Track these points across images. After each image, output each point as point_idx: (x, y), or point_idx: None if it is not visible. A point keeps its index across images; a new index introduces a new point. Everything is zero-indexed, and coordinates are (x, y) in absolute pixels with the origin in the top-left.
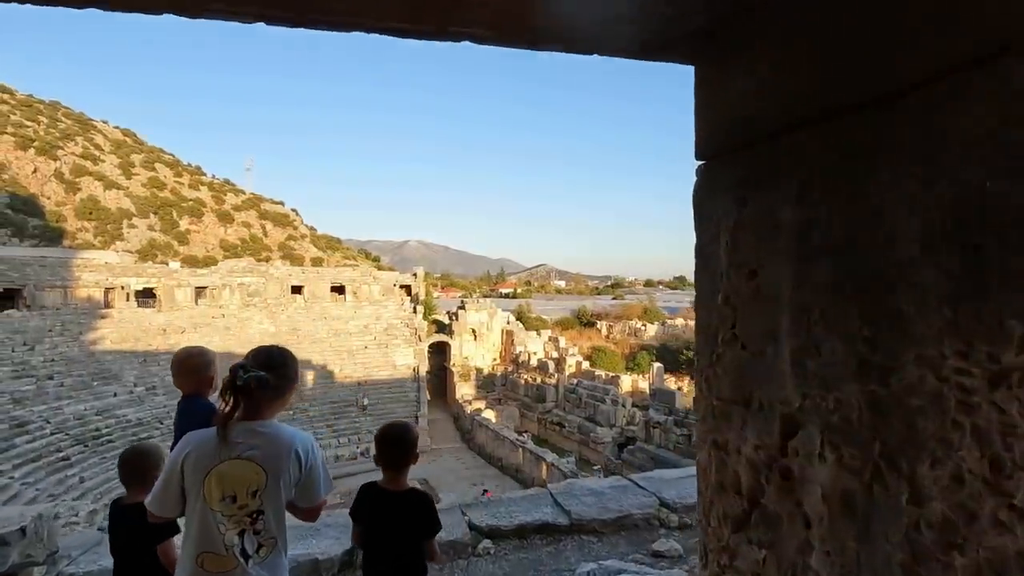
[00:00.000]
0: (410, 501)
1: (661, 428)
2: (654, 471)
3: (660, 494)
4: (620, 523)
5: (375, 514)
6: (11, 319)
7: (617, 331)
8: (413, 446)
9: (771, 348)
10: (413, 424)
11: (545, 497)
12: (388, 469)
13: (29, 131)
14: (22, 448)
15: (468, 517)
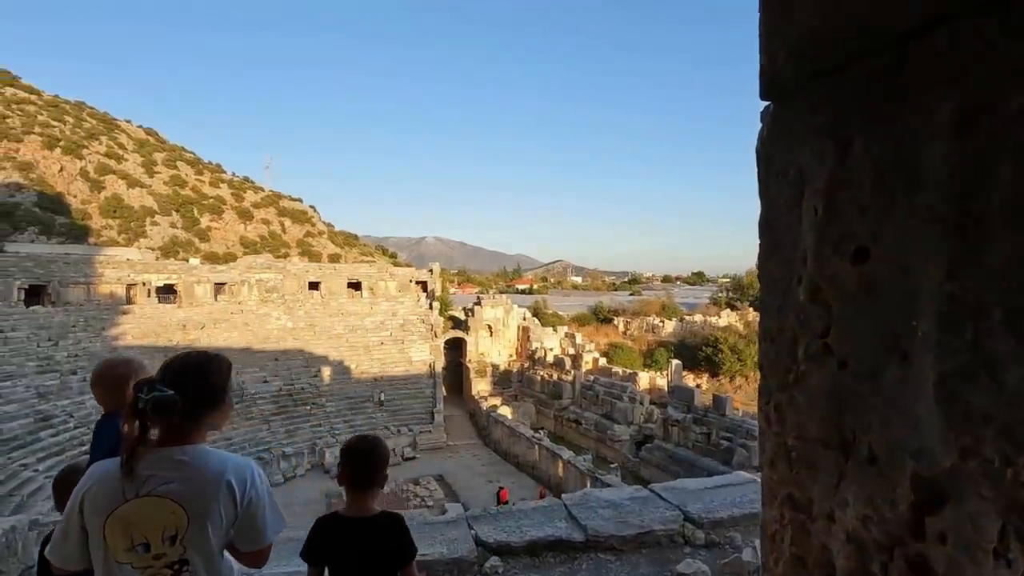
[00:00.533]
0: (379, 527)
1: (679, 426)
2: (677, 480)
3: (684, 507)
4: (640, 540)
5: (338, 550)
6: (37, 315)
7: (634, 327)
8: (383, 464)
9: (894, 369)
10: (383, 440)
11: (559, 509)
12: (353, 490)
13: (55, 131)
14: (46, 442)
15: (475, 531)
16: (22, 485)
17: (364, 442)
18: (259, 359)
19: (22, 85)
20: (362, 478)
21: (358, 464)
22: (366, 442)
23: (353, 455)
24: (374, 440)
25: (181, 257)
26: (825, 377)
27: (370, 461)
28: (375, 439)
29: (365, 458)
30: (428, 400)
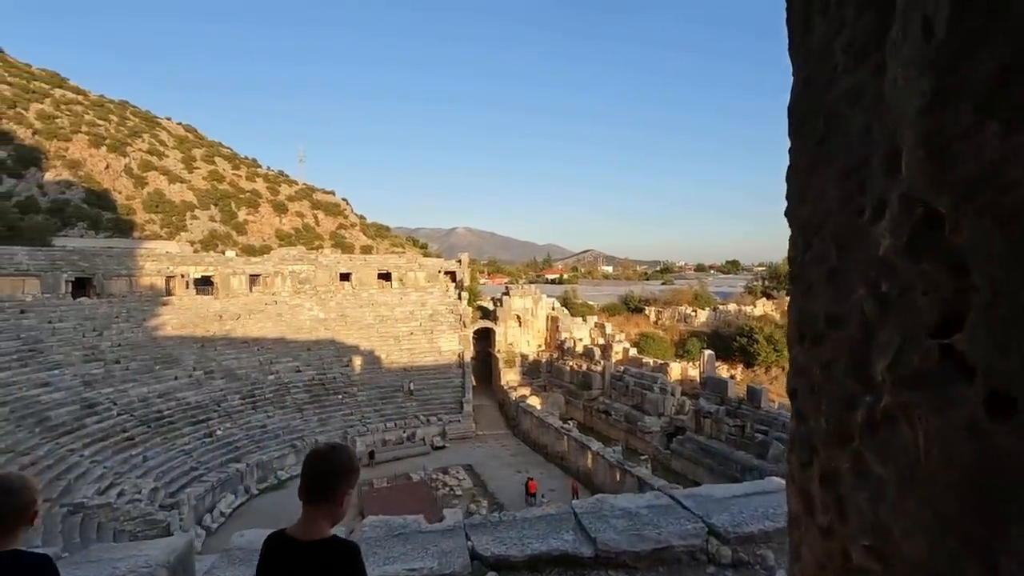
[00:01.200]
0: (324, 556)
1: (712, 418)
2: (702, 487)
3: (709, 518)
4: (657, 556)
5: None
6: (83, 306)
7: (666, 317)
8: (341, 475)
9: None
10: (350, 449)
11: (567, 518)
12: (305, 504)
13: (101, 130)
14: (92, 428)
15: (472, 542)
16: (69, 470)
17: (321, 448)
18: (292, 349)
19: (70, 86)
20: (313, 490)
21: (313, 470)
22: (324, 448)
23: (309, 461)
24: (335, 446)
25: (220, 250)
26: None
27: (322, 469)
28: (337, 446)
29: (318, 465)
30: (457, 390)
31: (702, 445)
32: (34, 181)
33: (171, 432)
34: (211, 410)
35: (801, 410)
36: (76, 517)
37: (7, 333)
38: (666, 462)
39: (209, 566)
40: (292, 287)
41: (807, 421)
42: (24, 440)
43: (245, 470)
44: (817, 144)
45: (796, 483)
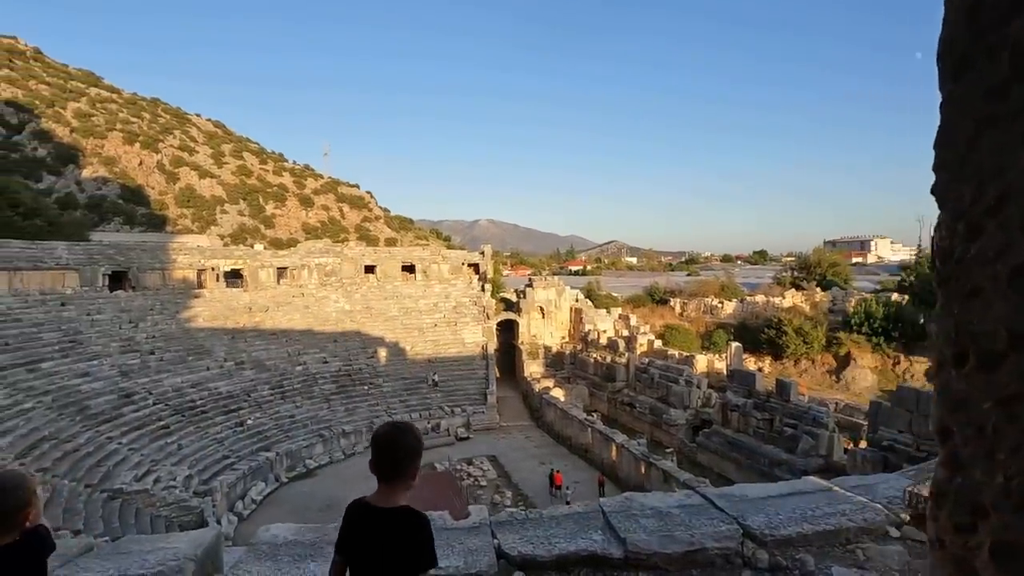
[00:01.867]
0: (399, 521)
1: (740, 412)
2: (735, 486)
3: (744, 519)
4: (690, 559)
5: (359, 538)
6: (119, 299)
7: (692, 308)
8: (411, 456)
9: None
10: (416, 429)
11: (596, 517)
12: (380, 480)
13: (134, 127)
14: (129, 417)
15: (498, 540)
16: (108, 456)
17: (388, 430)
18: (319, 341)
19: (104, 85)
20: (384, 469)
21: (383, 454)
22: (390, 430)
23: (378, 444)
24: (400, 429)
25: (248, 243)
26: None
27: (392, 451)
28: (404, 428)
29: (387, 448)
30: (481, 381)
31: (729, 439)
32: (72, 178)
33: (204, 421)
34: (242, 400)
35: (960, 456)
36: (115, 502)
37: (49, 325)
38: (692, 455)
39: (235, 560)
40: (318, 279)
41: (970, 472)
42: (66, 428)
43: (275, 459)
44: (992, 93)
45: (947, 549)
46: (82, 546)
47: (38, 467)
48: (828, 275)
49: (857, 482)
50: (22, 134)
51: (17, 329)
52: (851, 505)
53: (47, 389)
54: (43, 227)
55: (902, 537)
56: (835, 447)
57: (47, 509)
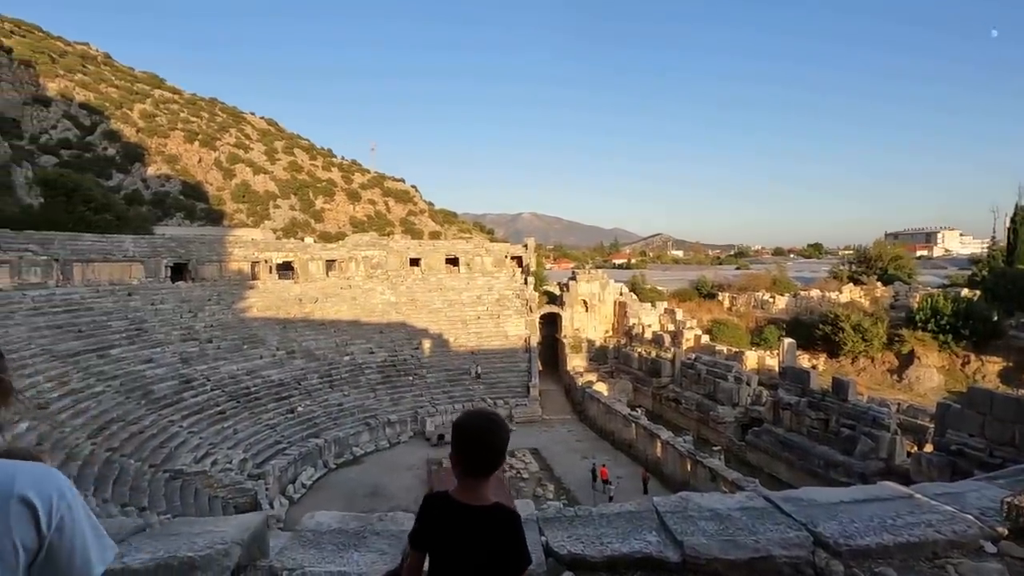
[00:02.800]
0: (494, 521)
1: (792, 410)
2: (802, 489)
3: (814, 526)
4: (755, 567)
5: (446, 536)
6: (180, 290)
7: (741, 303)
8: (503, 450)
9: None
10: (501, 418)
11: (649, 516)
12: (468, 476)
13: (194, 126)
14: (188, 402)
15: (546, 538)
16: (170, 439)
17: (482, 421)
18: (366, 331)
19: (167, 87)
20: (479, 463)
21: (476, 448)
22: (485, 422)
23: (470, 437)
24: (496, 421)
25: (299, 237)
26: None
27: (490, 447)
28: (498, 421)
29: (484, 440)
30: (523, 374)
31: (781, 438)
32: (138, 175)
33: (257, 407)
34: (292, 388)
35: None
36: (176, 482)
37: (117, 314)
38: (741, 454)
39: (281, 546)
40: (365, 272)
41: None
42: (132, 411)
43: (323, 445)
44: None
45: None
46: (136, 526)
47: (108, 447)
48: (890, 269)
49: (941, 489)
50: (94, 134)
51: (89, 317)
52: (937, 515)
53: (115, 374)
54: (112, 221)
55: (1000, 554)
56: (897, 450)
57: (115, 487)
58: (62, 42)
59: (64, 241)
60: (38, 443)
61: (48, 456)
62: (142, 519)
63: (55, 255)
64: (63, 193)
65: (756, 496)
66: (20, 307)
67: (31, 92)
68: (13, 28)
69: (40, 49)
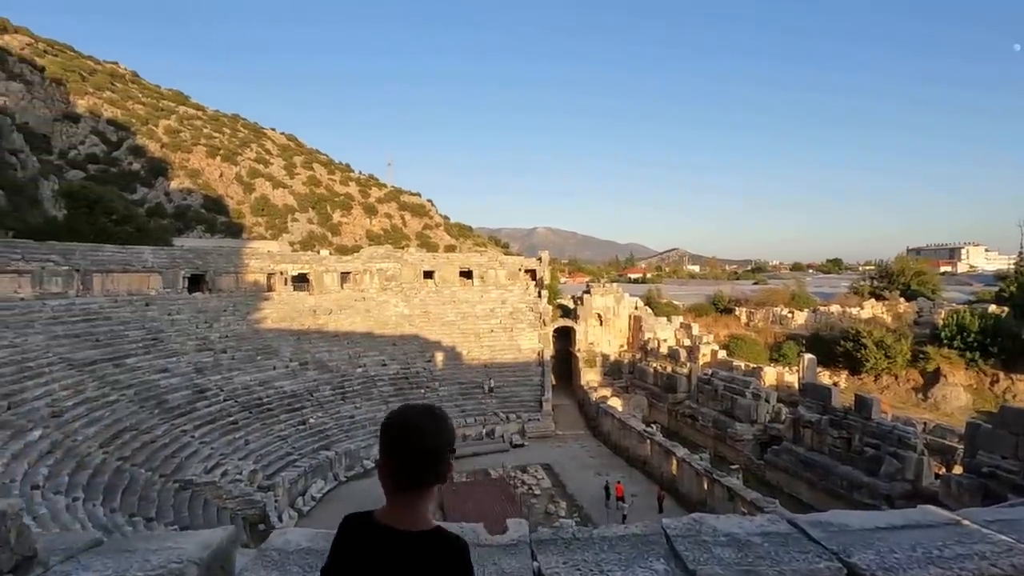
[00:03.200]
0: (430, 552)
1: (813, 428)
2: (830, 512)
3: (847, 556)
4: None
5: (365, 570)
6: (196, 300)
7: (759, 318)
8: (442, 453)
9: None
10: (443, 413)
11: (658, 540)
12: (398, 490)
13: (216, 141)
14: (201, 412)
15: (538, 563)
16: (182, 448)
17: (420, 417)
18: (379, 343)
19: (191, 104)
20: (414, 474)
21: (408, 452)
22: (423, 417)
23: (401, 436)
24: (434, 414)
25: (316, 250)
26: None
27: (431, 448)
28: (434, 412)
29: (422, 443)
30: (536, 388)
31: (801, 457)
32: (162, 189)
33: (269, 418)
34: (305, 399)
35: None
36: (185, 493)
37: (134, 323)
38: (759, 473)
39: (242, 567)
40: (379, 284)
41: None
42: (146, 420)
43: (334, 457)
44: None
45: None
46: (91, 541)
47: (119, 456)
48: (913, 285)
49: (993, 516)
50: (120, 149)
51: (107, 327)
52: (991, 546)
53: (130, 383)
54: (132, 233)
55: None
56: (924, 471)
57: (124, 497)
58: (92, 61)
59: (85, 252)
60: (50, 451)
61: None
62: (99, 533)
63: (76, 265)
64: (85, 205)
65: (779, 519)
66: (40, 316)
67: (61, 109)
68: (47, 48)
69: (71, 68)
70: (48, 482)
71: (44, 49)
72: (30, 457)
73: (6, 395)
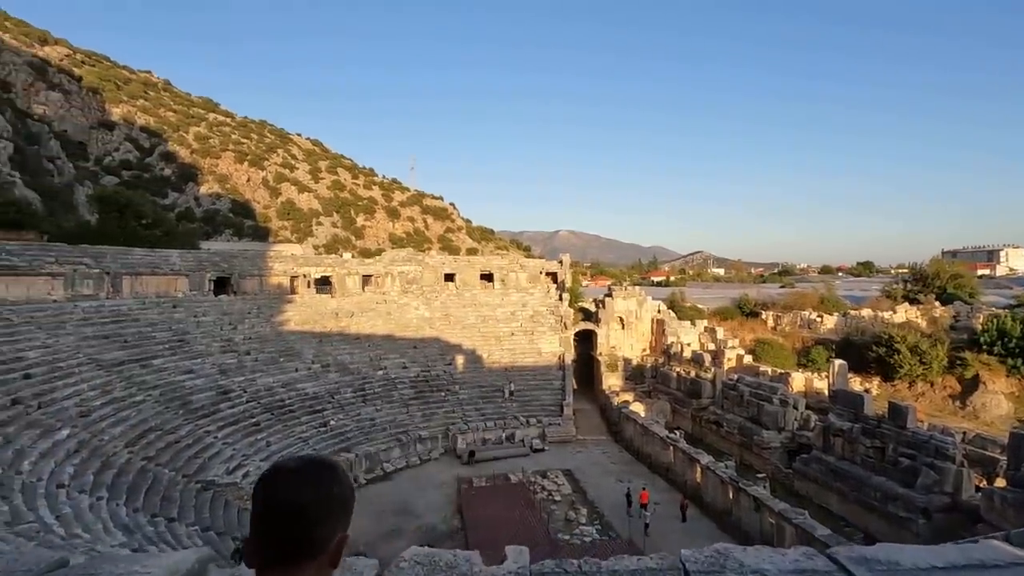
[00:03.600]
0: None
1: (844, 437)
2: (879, 546)
3: None
4: None
5: None
6: (222, 303)
7: (786, 322)
8: (322, 512)
9: None
10: (340, 465)
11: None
12: (268, 567)
13: (244, 147)
14: (225, 413)
15: None
16: (205, 449)
17: (292, 465)
18: (400, 346)
19: (220, 111)
20: (278, 538)
21: (267, 506)
22: (296, 464)
23: (270, 490)
24: (310, 462)
25: (339, 253)
26: None
27: (296, 497)
28: (313, 461)
29: (283, 490)
30: (557, 392)
31: (832, 466)
32: (191, 194)
33: (291, 420)
34: (326, 401)
35: None
36: (207, 493)
37: (161, 325)
38: (787, 482)
39: None
40: (400, 287)
41: None
42: (170, 420)
43: (354, 460)
44: None
45: None
46: (55, 561)
47: (144, 456)
48: (949, 288)
49: None
50: (152, 155)
51: (135, 328)
52: None
53: (156, 384)
54: (161, 236)
55: None
56: (964, 484)
57: (147, 497)
58: (127, 70)
59: (115, 255)
60: (76, 450)
61: None
62: (64, 553)
63: (107, 268)
64: (116, 209)
65: (816, 554)
66: (71, 318)
67: (97, 117)
68: (84, 58)
69: (107, 77)
70: (73, 481)
71: (82, 59)
72: (57, 456)
73: (37, 395)
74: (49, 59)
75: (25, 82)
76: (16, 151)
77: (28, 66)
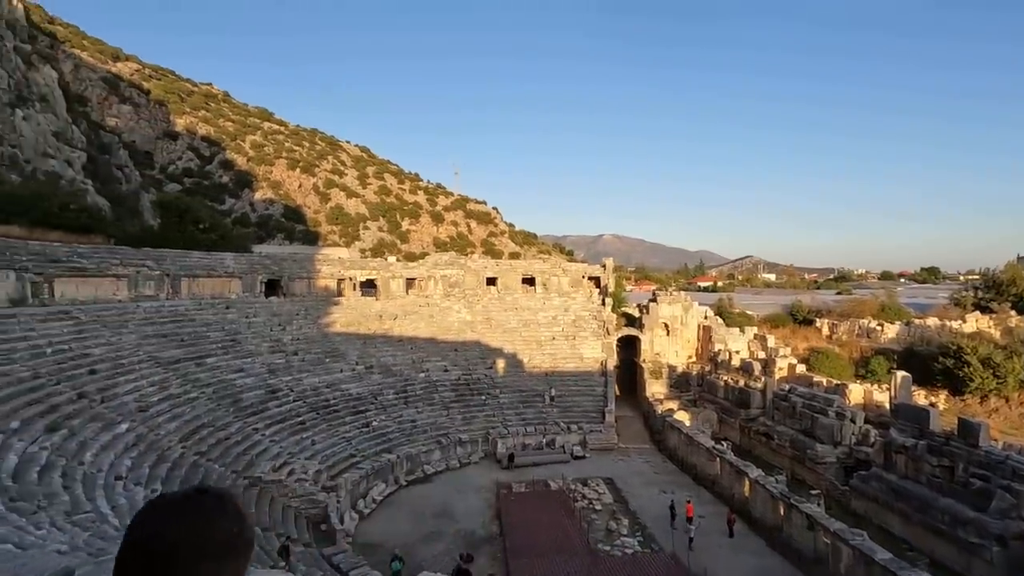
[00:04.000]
0: None
1: (908, 454)
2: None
3: None
4: None
5: None
6: (271, 304)
7: (843, 331)
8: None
9: None
10: (235, 499)
11: None
12: None
13: (296, 154)
14: (273, 411)
15: None
16: (253, 446)
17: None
18: (441, 349)
19: (275, 120)
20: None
21: (136, 553)
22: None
23: (133, 531)
24: (189, 496)
25: (385, 256)
26: None
27: (175, 546)
28: (197, 493)
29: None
30: (599, 399)
31: (893, 485)
32: (247, 200)
33: (335, 420)
34: (369, 402)
35: None
36: (254, 490)
37: (215, 325)
38: (844, 500)
39: None
40: (443, 290)
41: None
42: (221, 417)
43: (396, 461)
44: None
45: None
46: (59, 570)
47: (196, 451)
48: None
49: None
50: (212, 164)
51: (191, 328)
52: None
53: (209, 382)
54: (217, 240)
55: None
56: None
57: None
58: (190, 83)
59: (175, 257)
60: (134, 443)
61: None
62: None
63: (167, 270)
64: (176, 214)
65: None
66: (133, 317)
67: (163, 128)
68: (152, 72)
69: (172, 90)
70: (131, 473)
71: (150, 74)
72: (116, 449)
73: (101, 389)
74: (121, 74)
75: (99, 96)
76: (89, 160)
77: (103, 81)
